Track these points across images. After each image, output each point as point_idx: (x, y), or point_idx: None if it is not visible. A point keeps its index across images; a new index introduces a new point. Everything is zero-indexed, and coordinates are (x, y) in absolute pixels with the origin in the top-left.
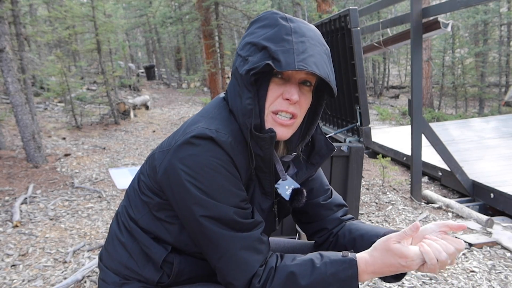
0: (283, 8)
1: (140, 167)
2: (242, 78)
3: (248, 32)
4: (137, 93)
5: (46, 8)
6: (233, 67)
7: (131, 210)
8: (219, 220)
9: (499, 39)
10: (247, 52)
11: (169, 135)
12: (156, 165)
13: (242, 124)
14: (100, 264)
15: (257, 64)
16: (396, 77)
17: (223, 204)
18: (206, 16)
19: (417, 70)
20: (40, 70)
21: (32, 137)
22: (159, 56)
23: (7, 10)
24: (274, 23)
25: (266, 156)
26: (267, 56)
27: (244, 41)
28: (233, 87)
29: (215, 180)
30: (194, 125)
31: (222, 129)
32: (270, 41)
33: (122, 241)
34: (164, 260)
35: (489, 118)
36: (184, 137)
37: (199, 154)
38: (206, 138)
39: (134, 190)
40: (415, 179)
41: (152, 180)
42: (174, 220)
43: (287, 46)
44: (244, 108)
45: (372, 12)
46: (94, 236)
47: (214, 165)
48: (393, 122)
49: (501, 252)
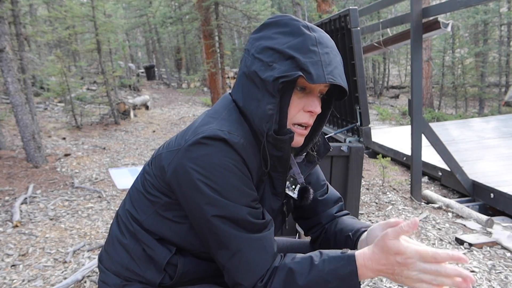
0: (283, 8)
1: (142, 168)
2: (266, 83)
3: (263, 35)
4: (137, 93)
5: (46, 8)
6: (247, 68)
7: (135, 211)
8: (232, 220)
9: (499, 39)
10: (269, 58)
11: (176, 135)
12: (164, 165)
13: (258, 127)
14: (100, 266)
15: (287, 73)
16: (396, 77)
17: (236, 204)
18: (206, 16)
19: (417, 70)
20: (40, 70)
21: (32, 137)
22: (159, 56)
23: (7, 10)
24: (298, 32)
25: (284, 156)
26: (295, 66)
27: (261, 44)
28: (248, 89)
29: (228, 179)
30: (205, 126)
31: (234, 130)
32: (297, 51)
33: (124, 243)
34: (167, 262)
35: (489, 118)
36: (195, 137)
37: (212, 154)
38: (219, 139)
39: (138, 192)
40: (415, 179)
41: (160, 179)
42: (182, 219)
43: (315, 57)
44: (263, 112)
45: (372, 12)
46: (94, 236)
47: (227, 165)
48: (393, 122)
49: (501, 252)
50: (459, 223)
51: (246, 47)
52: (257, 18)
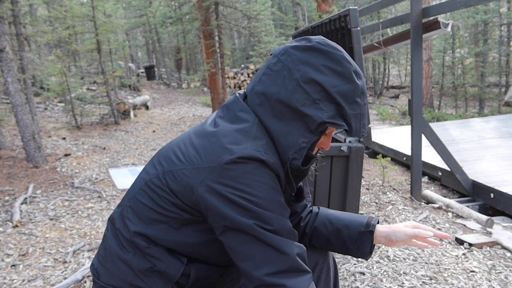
0: (283, 8)
1: (142, 179)
2: (308, 119)
3: (310, 61)
4: (137, 93)
5: (46, 8)
6: (286, 92)
7: (142, 227)
8: (279, 233)
9: (499, 39)
10: (316, 95)
11: (193, 146)
12: (191, 182)
13: (282, 151)
14: (97, 282)
15: (335, 121)
16: (396, 77)
17: (282, 217)
18: (206, 16)
19: (417, 70)
20: (40, 70)
21: (32, 137)
22: (159, 56)
23: (7, 10)
24: (349, 78)
25: (302, 177)
26: (339, 113)
27: (308, 73)
28: (281, 113)
29: (271, 194)
30: (239, 145)
31: (269, 150)
32: (344, 99)
33: (125, 258)
34: (181, 274)
35: (489, 118)
36: (231, 157)
37: (252, 171)
38: (257, 160)
39: (145, 207)
40: (415, 179)
41: (183, 197)
42: (199, 234)
43: (357, 110)
44: (294, 141)
45: (372, 12)
46: (94, 236)
47: (267, 181)
48: (393, 122)
49: (501, 252)
50: (459, 223)
51: (281, 58)
52: (257, 18)
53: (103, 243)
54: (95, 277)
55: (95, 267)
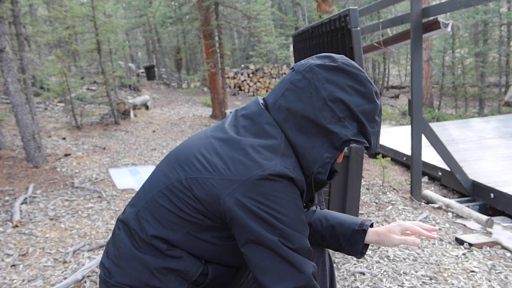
0: (283, 8)
1: (161, 177)
2: (333, 136)
3: (336, 81)
4: (137, 93)
5: (46, 8)
6: (313, 109)
7: (161, 230)
8: (299, 251)
9: (499, 39)
10: (342, 113)
11: (220, 157)
12: (218, 193)
13: (306, 165)
14: (108, 281)
15: (358, 139)
16: (396, 77)
17: (303, 236)
18: (206, 16)
19: (417, 70)
20: (40, 70)
21: (32, 137)
22: (159, 56)
23: (7, 10)
24: (371, 98)
25: (321, 187)
26: (361, 131)
27: (334, 92)
28: (307, 129)
29: (296, 213)
30: (269, 161)
31: (296, 167)
32: (366, 117)
33: (141, 257)
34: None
35: (489, 118)
36: (262, 173)
37: (281, 190)
38: (287, 177)
39: (165, 209)
40: (415, 179)
41: (208, 205)
42: (219, 241)
43: (376, 128)
44: (319, 156)
45: (372, 12)
46: (94, 236)
47: (294, 200)
48: (393, 122)
49: (501, 252)
50: (459, 223)
51: (306, 75)
52: (257, 18)
53: (114, 242)
54: (106, 276)
55: (105, 266)
